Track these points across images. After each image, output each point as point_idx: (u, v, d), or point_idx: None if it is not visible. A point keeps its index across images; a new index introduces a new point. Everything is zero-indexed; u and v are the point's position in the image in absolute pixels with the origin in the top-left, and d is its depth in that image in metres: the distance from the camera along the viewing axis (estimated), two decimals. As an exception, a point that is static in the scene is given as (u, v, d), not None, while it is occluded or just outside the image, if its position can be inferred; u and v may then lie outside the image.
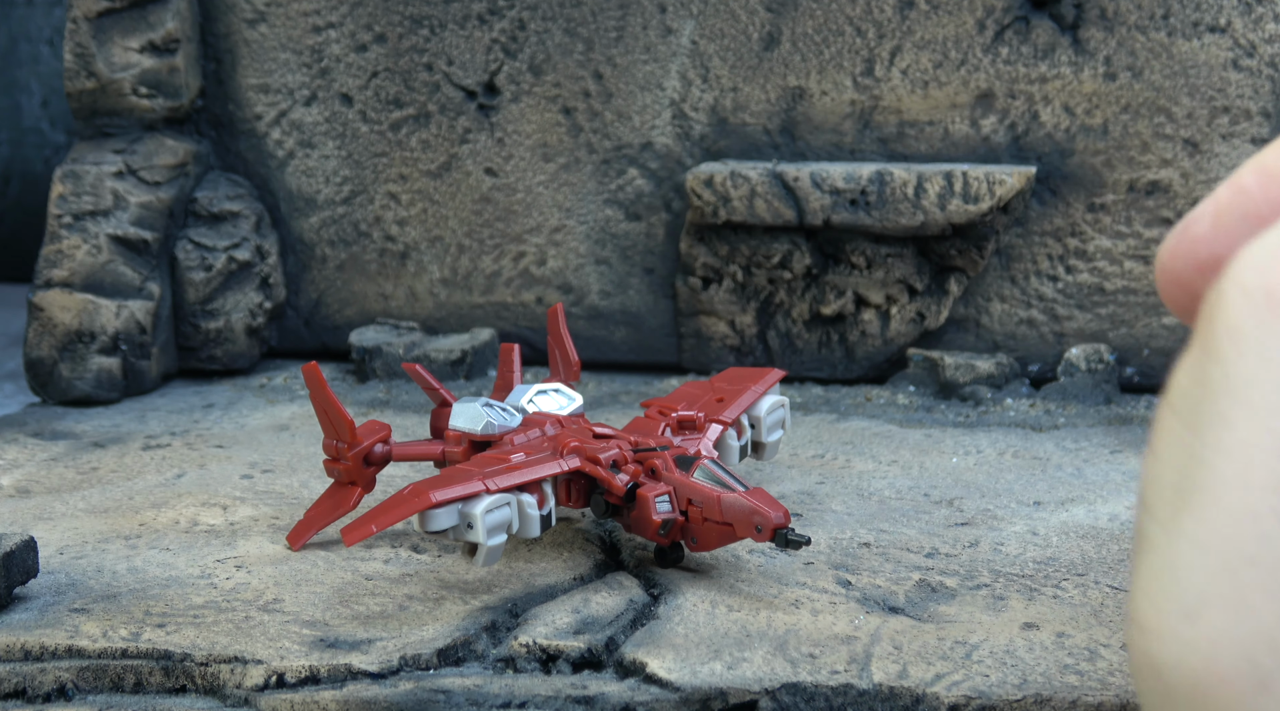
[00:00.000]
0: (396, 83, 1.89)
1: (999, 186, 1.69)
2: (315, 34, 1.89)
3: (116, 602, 1.16)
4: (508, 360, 1.45)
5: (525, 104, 1.87)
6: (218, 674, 1.06)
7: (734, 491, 1.16)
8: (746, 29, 1.81)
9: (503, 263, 1.91)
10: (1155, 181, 1.74)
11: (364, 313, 1.95)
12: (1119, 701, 1.00)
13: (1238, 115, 1.71)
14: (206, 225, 1.88)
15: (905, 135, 1.79)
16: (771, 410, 1.36)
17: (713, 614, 1.13)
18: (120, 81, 1.85)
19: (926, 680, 1.02)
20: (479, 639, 1.09)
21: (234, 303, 1.88)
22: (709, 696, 1.01)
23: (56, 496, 1.44)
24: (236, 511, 1.38)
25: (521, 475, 1.17)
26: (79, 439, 1.64)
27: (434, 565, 1.24)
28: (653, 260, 1.87)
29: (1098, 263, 1.77)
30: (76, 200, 1.81)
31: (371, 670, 1.05)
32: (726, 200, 1.75)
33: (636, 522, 1.20)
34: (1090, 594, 1.17)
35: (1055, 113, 1.75)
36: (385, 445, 1.30)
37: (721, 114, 1.83)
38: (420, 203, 1.91)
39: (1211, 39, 1.71)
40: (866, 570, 1.22)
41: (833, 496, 1.42)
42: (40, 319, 1.77)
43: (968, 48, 1.76)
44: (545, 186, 1.88)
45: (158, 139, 1.87)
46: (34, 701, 1.07)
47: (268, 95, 1.91)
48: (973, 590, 1.18)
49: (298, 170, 1.93)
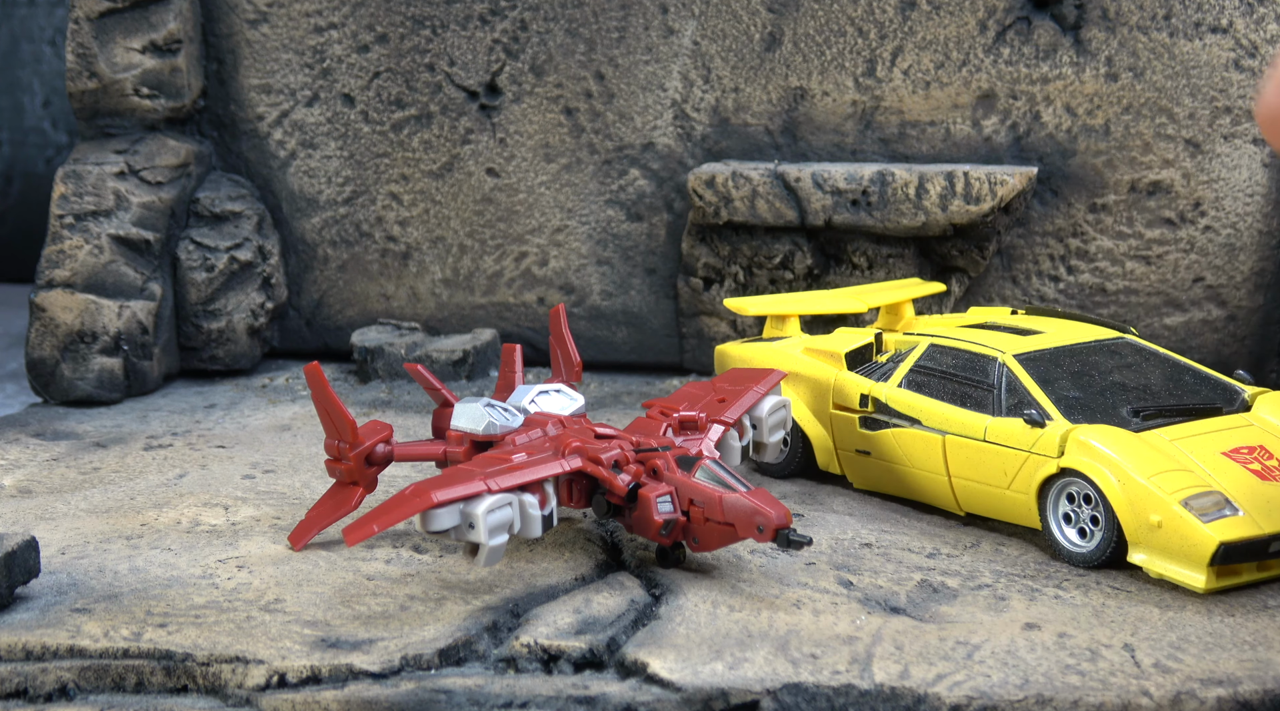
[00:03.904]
0: (398, 83, 1.89)
1: (1000, 187, 1.69)
2: (317, 34, 1.89)
3: (118, 602, 1.16)
4: (509, 361, 1.45)
5: (527, 104, 1.87)
6: (219, 673, 1.06)
7: (736, 491, 1.16)
8: (748, 29, 1.81)
9: (504, 263, 1.91)
10: (1157, 182, 1.74)
11: (366, 313, 1.96)
12: (1120, 701, 1.00)
13: (1239, 115, 1.71)
14: (208, 225, 1.89)
15: (907, 135, 1.79)
16: (773, 411, 1.36)
17: (714, 614, 1.13)
18: (122, 82, 1.85)
19: (928, 680, 1.02)
20: (480, 639, 1.10)
21: (236, 303, 1.88)
22: (710, 696, 1.01)
23: (58, 496, 1.44)
24: (238, 511, 1.38)
25: (523, 475, 1.17)
26: (81, 439, 1.64)
27: (435, 565, 1.24)
28: (654, 260, 1.88)
29: (1099, 263, 1.77)
30: (78, 200, 1.81)
31: (373, 670, 1.05)
32: (728, 200, 1.75)
33: (638, 523, 1.20)
34: (1091, 594, 1.17)
35: (1057, 113, 1.75)
36: (387, 445, 1.30)
37: (723, 114, 1.83)
38: (422, 203, 1.91)
39: (1213, 39, 1.71)
40: (868, 570, 1.22)
41: (834, 496, 1.42)
42: (42, 319, 1.77)
43: (969, 48, 1.76)
44: (547, 187, 1.88)
45: (159, 139, 1.87)
46: (35, 701, 1.07)
47: (269, 95, 1.91)
48: (974, 590, 1.18)
49: (299, 170, 1.93)
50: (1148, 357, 1.38)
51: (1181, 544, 1.16)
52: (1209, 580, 1.16)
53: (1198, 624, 1.11)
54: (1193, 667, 1.04)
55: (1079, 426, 1.24)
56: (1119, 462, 1.20)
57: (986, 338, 1.38)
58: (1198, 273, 1.75)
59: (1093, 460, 1.21)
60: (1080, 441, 1.23)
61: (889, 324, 1.58)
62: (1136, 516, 1.19)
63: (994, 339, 1.38)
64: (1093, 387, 1.32)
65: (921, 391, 1.37)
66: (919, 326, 1.52)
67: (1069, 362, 1.35)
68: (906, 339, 1.44)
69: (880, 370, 1.42)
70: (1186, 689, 1.01)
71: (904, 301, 1.58)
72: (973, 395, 1.33)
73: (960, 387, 1.35)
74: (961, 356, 1.36)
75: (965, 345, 1.37)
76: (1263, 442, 1.26)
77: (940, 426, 1.34)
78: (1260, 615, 1.13)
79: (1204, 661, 1.05)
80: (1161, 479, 1.19)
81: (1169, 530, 1.17)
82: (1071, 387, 1.31)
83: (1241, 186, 1.73)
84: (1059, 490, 1.25)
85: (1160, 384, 1.34)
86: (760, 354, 1.51)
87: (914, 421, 1.36)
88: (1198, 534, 1.15)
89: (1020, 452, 1.27)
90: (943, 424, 1.33)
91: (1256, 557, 1.18)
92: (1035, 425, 1.26)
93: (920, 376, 1.38)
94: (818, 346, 1.47)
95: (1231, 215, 1.73)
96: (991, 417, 1.30)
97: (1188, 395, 1.33)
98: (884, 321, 1.59)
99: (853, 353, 1.45)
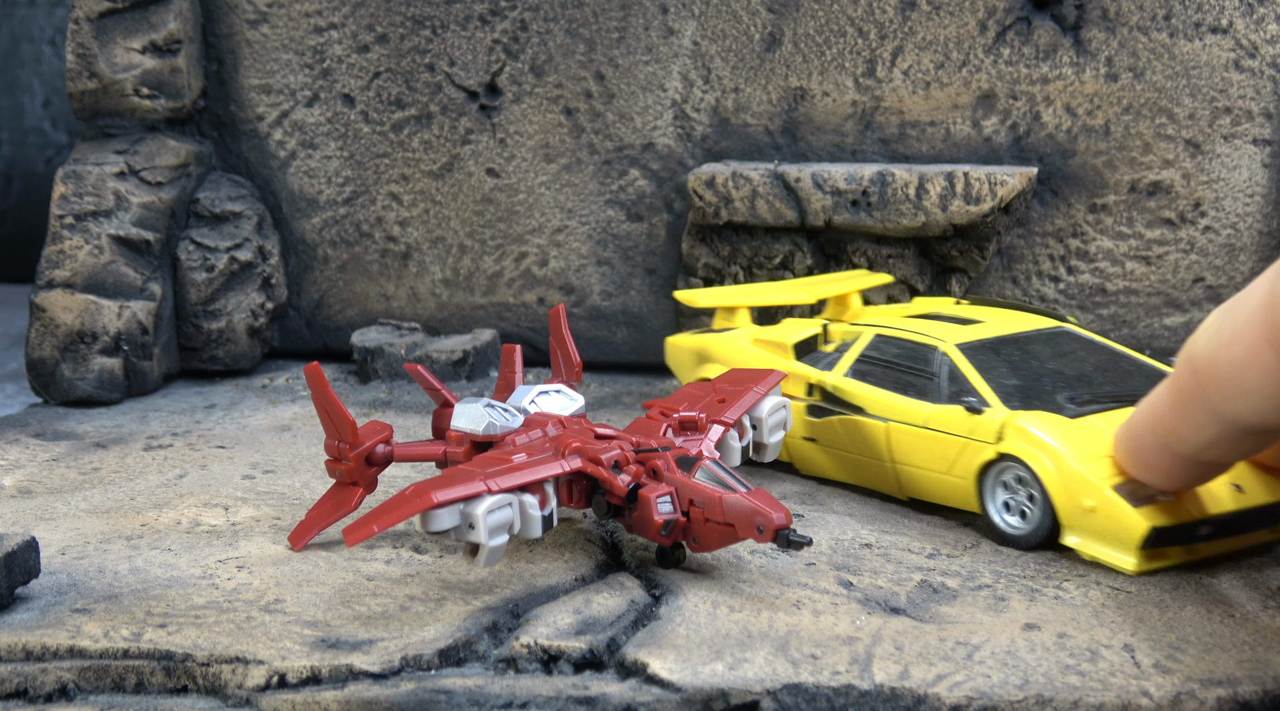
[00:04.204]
0: (398, 83, 1.89)
1: (1000, 187, 1.69)
2: (317, 35, 1.89)
3: (118, 603, 1.16)
4: (509, 361, 1.45)
5: (527, 105, 1.87)
6: (219, 674, 1.06)
7: (736, 492, 1.16)
8: (748, 30, 1.81)
9: (504, 263, 1.91)
10: (1157, 182, 1.74)
11: (366, 313, 1.96)
12: (1120, 701, 1.00)
13: (1239, 116, 1.71)
14: (208, 226, 1.89)
15: (907, 136, 1.79)
16: (773, 411, 1.36)
17: (714, 614, 1.13)
18: (122, 82, 1.85)
19: (928, 680, 1.02)
20: (480, 639, 1.10)
21: (236, 303, 1.88)
22: (710, 697, 1.01)
23: (58, 497, 1.44)
24: (238, 512, 1.38)
25: (523, 475, 1.17)
26: (81, 439, 1.64)
27: (435, 565, 1.24)
28: (654, 261, 1.88)
29: (1099, 263, 1.77)
30: (78, 200, 1.81)
31: (373, 670, 1.05)
32: (728, 201, 1.75)
33: (638, 523, 1.20)
34: (1091, 594, 1.17)
35: (1057, 113, 1.75)
36: (387, 445, 1.30)
37: (723, 115, 1.83)
38: (422, 203, 1.91)
39: (1213, 40, 1.71)
40: (868, 571, 1.22)
41: (834, 497, 1.42)
42: (42, 319, 1.77)
43: (969, 48, 1.76)
44: (547, 187, 1.88)
45: (159, 139, 1.87)
46: (35, 701, 1.07)
47: (269, 96, 1.91)
48: (974, 591, 1.18)
49: (299, 171, 1.93)
50: (1085, 346, 1.42)
51: (1113, 527, 1.20)
52: (1139, 562, 1.20)
53: (1198, 624, 1.12)
54: (1193, 667, 1.04)
55: (1016, 413, 1.28)
56: (1054, 448, 1.24)
57: (930, 327, 1.42)
58: (1198, 273, 1.75)
59: (1029, 446, 1.25)
60: (1017, 427, 1.27)
61: (837, 314, 1.62)
62: (1070, 500, 1.22)
63: (937, 329, 1.42)
64: (1031, 375, 1.36)
65: (866, 380, 1.41)
66: (865, 317, 1.56)
67: (1009, 351, 1.39)
68: (852, 329, 1.48)
69: (826, 360, 1.46)
70: (1186, 689, 1.01)
71: (851, 292, 1.63)
72: (915, 384, 1.37)
73: (903, 376, 1.39)
74: (905, 346, 1.40)
75: (909, 335, 1.41)
76: None
77: (884, 414, 1.37)
78: (1260, 615, 1.13)
79: (1204, 661, 1.05)
80: (1095, 464, 1.22)
81: (1101, 514, 1.20)
82: (1010, 375, 1.35)
83: (1241, 186, 1.73)
84: (997, 475, 1.29)
85: (1097, 371, 1.38)
86: (710, 344, 1.55)
87: (859, 409, 1.40)
88: (1128, 518, 1.19)
89: (960, 439, 1.31)
90: (886, 411, 1.37)
91: (1186, 541, 1.21)
92: (974, 412, 1.30)
93: (865, 366, 1.42)
94: (766, 337, 1.51)
95: (1231, 215, 1.73)
96: (933, 405, 1.34)
97: (1124, 382, 1.37)
98: (832, 312, 1.63)
99: (800, 343, 1.49)
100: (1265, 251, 1.73)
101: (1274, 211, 1.73)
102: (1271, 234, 1.73)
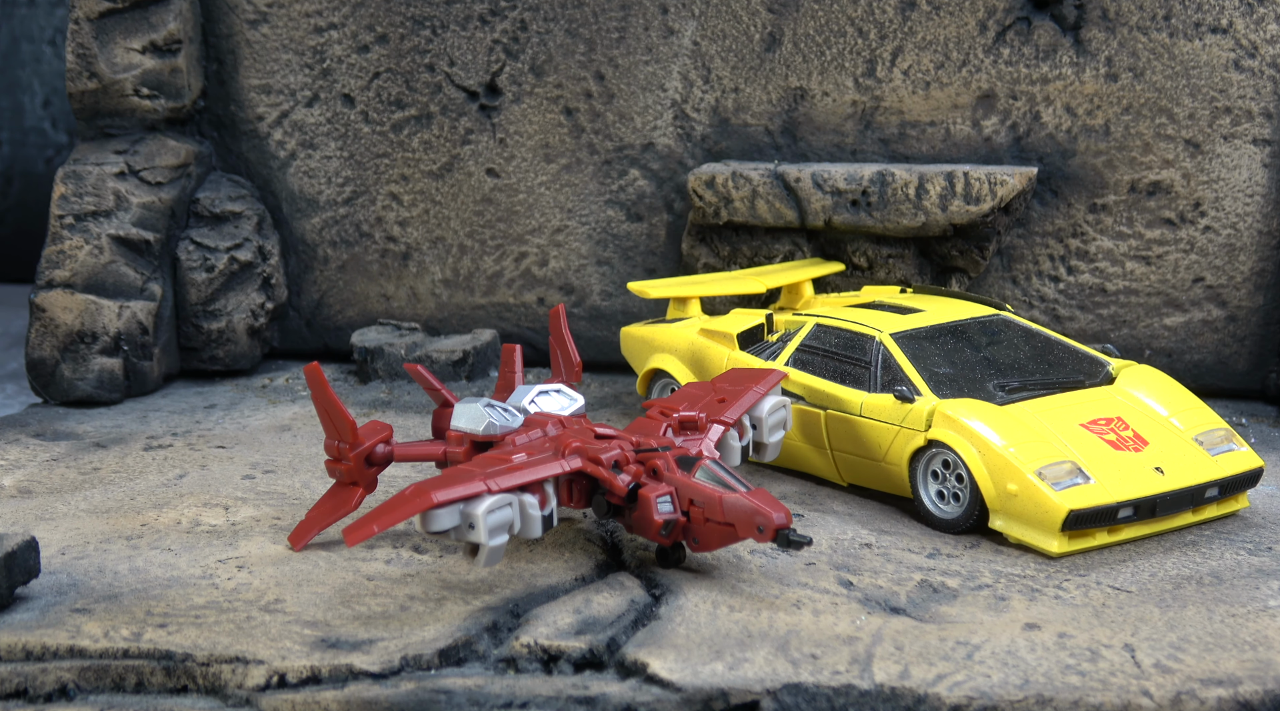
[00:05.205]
0: (398, 83, 1.89)
1: (1000, 187, 1.69)
2: (317, 35, 1.89)
3: (118, 603, 1.16)
4: (509, 361, 1.45)
5: (527, 105, 1.87)
6: (219, 674, 1.06)
7: (736, 492, 1.16)
8: (748, 30, 1.81)
9: (504, 263, 1.91)
10: (1157, 182, 1.74)
11: (365, 313, 1.96)
12: (1120, 701, 1.00)
13: (1239, 116, 1.71)
14: (208, 226, 1.89)
15: (907, 136, 1.79)
16: (773, 411, 1.36)
17: (714, 614, 1.13)
18: (122, 82, 1.85)
19: (928, 680, 1.02)
20: (480, 639, 1.10)
21: (236, 303, 1.88)
22: (710, 697, 1.01)
23: (58, 497, 1.44)
24: (238, 512, 1.38)
25: (523, 475, 1.17)
26: (80, 439, 1.64)
27: (435, 565, 1.24)
28: (654, 261, 1.88)
29: (1099, 263, 1.77)
30: (78, 200, 1.81)
31: (373, 670, 1.05)
32: (728, 201, 1.75)
33: (638, 523, 1.20)
34: (1092, 594, 1.17)
35: (1057, 113, 1.75)
36: (387, 445, 1.30)
37: (723, 115, 1.83)
38: (422, 203, 1.91)
39: (1213, 40, 1.71)
40: (868, 570, 1.23)
41: (834, 496, 1.42)
42: (42, 319, 1.77)
43: (969, 48, 1.76)
44: (547, 187, 1.88)
45: (159, 139, 1.87)
46: (35, 701, 1.07)
47: (269, 96, 1.91)
48: (974, 590, 1.18)
49: (299, 171, 1.93)
50: (1020, 334, 1.45)
51: (1035, 511, 1.24)
52: (1061, 544, 1.24)
53: (1198, 624, 1.12)
54: (1193, 667, 1.04)
55: (944, 401, 1.32)
56: (980, 434, 1.27)
57: (868, 317, 1.45)
58: (1198, 273, 1.75)
59: (956, 433, 1.29)
60: (945, 415, 1.30)
61: (790, 303, 1.66)
62: (996, 485, 1.26)
63: (875, 318, 1.45)
64: (963, 364, 1.39)
65: (806, 369, 1.44)
66: (813, 306, 1.60)
67: (944, 340, 1.42)
68: (795, 319, 1.51)
69: (770, 349, 1.49)
70: (1186, 689, 1.01)
71: (803, 281, 1.66)
72: (851, 372, 1.41)
73: (841, 365, 1.42)
74: (843, 336, 1.44)
75: (847, 325, 1.44)
76: (1120, 414, 1.34)
77: (822, 402, 1.41)
78: (1260, 615, 1.13)
79: (1204, 661, 1.05)
80: (1018, 449, 1.26)
81: (1024, 498, 1.24)
82: (943, 364, 1.38)
83: (1241, 186, 1.73)
84: (927, 461, 1.33)
85: (1029, 359, 1.42)
86: (660, 334, 1.60)
87: (799, 398, 1.43)
88: (1049, 502, 1.23)
89: (892, 426, 1.35)
90: (824, 400, 1.41)
91: (1106, 523, 1.25)
92: (905, 400, 1.34)
93: (805, 355, 1.45)
94: (712, 327, 1.54)
95: (1231, 215, 1.73)
96: (867, 394, 1.38)
97: (1055, 370, 1.41)
98: (785, 301, 1.67)
99: (745, 333, 1.52)
100: (1265, 251, 1.74)
101: (1274, 211, 1.73)
102: (1271, 234, 1.73)
